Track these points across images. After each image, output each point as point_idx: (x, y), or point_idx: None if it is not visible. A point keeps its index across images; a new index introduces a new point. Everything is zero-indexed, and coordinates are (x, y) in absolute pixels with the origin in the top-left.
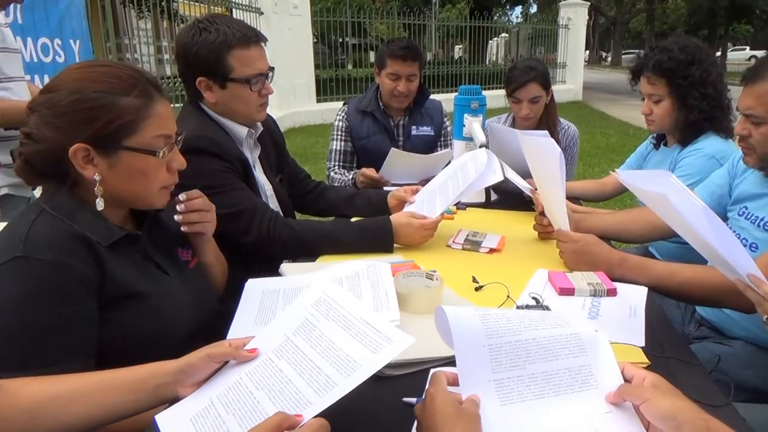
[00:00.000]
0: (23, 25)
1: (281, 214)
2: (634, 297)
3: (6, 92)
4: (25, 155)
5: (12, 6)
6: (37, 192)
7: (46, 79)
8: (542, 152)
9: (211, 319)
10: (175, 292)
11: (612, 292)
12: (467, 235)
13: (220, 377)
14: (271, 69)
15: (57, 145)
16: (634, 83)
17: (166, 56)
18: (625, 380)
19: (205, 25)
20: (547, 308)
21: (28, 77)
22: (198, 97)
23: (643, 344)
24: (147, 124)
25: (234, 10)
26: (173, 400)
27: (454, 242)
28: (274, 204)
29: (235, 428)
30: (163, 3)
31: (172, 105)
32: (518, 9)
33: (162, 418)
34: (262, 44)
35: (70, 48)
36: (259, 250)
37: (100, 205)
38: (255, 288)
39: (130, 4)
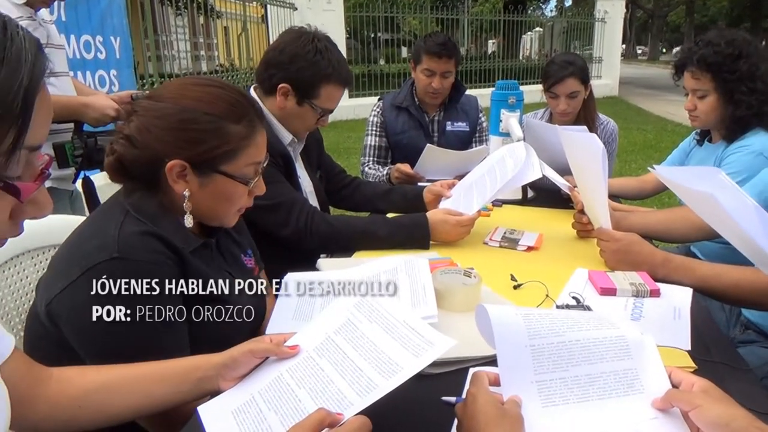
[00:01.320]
0: (66, 22)
1: (319, 210)
2: (678, 298)
3: (51, 87)
4: (119, 155)
5: (56, 3)
6: (78, 185)
7: (89, 76)
8: (584, 148)
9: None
10: (243, 298)
11: (655, 293)
12: (504, 233)
13: (261, 372)
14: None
15: (156, 156)
16: (677, 78)
17: (202, 53)
18: (673, 385)
19: (322, 48)
20: (588, 308)
21: (71, 73)
22: (265, 92)
23: (689, 348)
24: (245, 153)
25: (269, 6)
26: (215, 393)
27: (491, 240)
28: (313, 200)
29: (276, 424)
30: (199, 0)
31: None
32: (553, 2)
33: (204, 410)
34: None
35: (110, 45)
36: (296, 244)
37: (188, 221)
38: (293, 282)
39: (168, 2)
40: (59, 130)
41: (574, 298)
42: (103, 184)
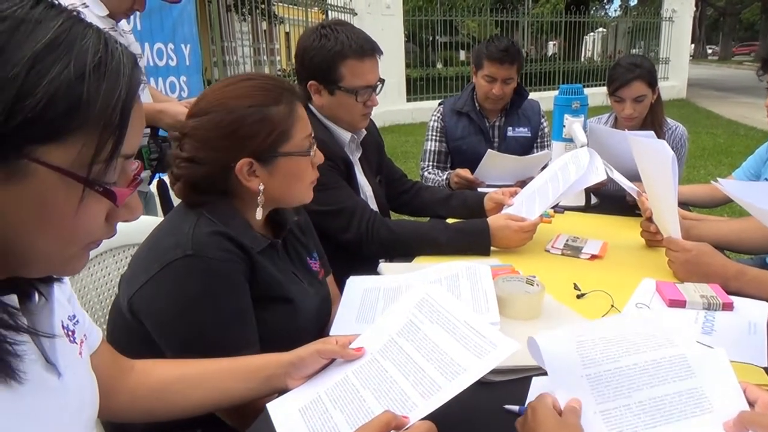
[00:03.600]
0: (141, 32)
1: (380, 214)
2: (753, 312)
3: None
4: (186, 178)
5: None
6: (153, 187)
7: (161, 82)
8: (652, 155)
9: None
10: (308, 300)
11: (728, 307)
12: (567, 240)
13: (328, 373)
14: (381, 81)
15: (222, 164)
16: (762, 72)
17: (263, 57)
18: (748, 402)
19: (327, 32)
20: None
21: (146, 80)
22: (308, 99)
23: (766, 364)
24: (296, 129)
25: (329, 11)
26: (283, 391)
27: (552, 247)
28: (373, 205)
29: (342, 423)
30: (262, 6)
31: None
32: (617, 1)
33: (273, 406)
34: (377, 57)
35: (181, 52)
36: (357, 249)
37: (259, 213)
38: (356, 285)
39: (234, 9)
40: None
41: (640, 309)
42: None
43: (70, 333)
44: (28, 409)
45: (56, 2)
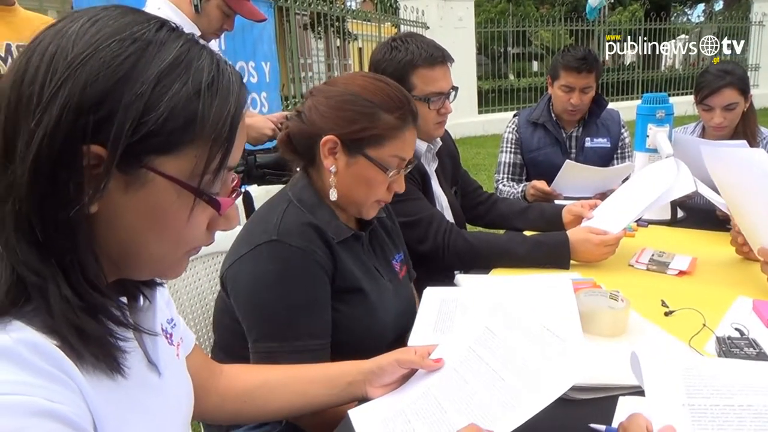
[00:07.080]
0: (225, 51)
1: (456, 226)
2: None
3: None
4: (290, 129)
5: None
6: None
7: None
8: (740, 163)
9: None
10: (388, 296)
11: None
12: (652, 255)
13: (410, 385)
14: (454, 88)
15: (316, 130)
16: None
17: (336, 73)
18: None
19: (397, 44)
20: (754, 342)
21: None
22: None
23: None
24: (391, 144)
25: (402, 26)
26: (362, 399)
27: (637, 262)
28: (448, 216)
29: None
30: (336, 24)
31: None
32: (700, 7)
33: (355, 414)
34: (448, 64)
35: (261, 69)
36: (433, 260)
37: (333, 195)
38: (433, 295)
39: (310, 27)
40: None
41: (737, 329)
42: (257, 195)
43: (168, 335)
44: (133, 403)
45: (175, 25)
